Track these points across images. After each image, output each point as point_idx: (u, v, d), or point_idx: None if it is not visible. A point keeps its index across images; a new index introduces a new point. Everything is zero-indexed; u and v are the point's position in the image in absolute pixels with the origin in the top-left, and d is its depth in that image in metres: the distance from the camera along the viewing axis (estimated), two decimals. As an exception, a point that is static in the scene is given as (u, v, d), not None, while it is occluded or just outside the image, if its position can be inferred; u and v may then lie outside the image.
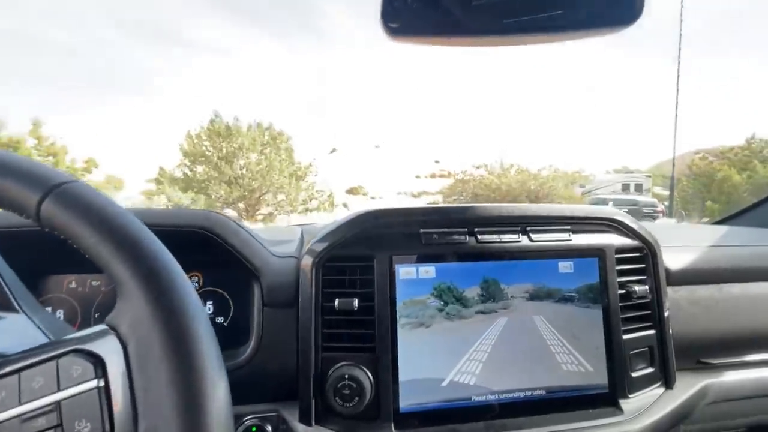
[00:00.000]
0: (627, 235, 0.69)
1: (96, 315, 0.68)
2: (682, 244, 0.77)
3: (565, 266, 0.65)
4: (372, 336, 0.58)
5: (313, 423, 0.56)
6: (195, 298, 0.26)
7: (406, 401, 0.58)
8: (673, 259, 0.73)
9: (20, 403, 0.24)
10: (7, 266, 0.33)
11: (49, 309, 0.67)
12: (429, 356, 0.59)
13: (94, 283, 0.70)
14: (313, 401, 0.57)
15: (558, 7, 0.60)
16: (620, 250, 0.68)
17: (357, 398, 0.55)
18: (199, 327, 0.25)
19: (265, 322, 0.59)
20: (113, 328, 0.26)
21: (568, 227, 0.67)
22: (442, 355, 0.60)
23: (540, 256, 0.64)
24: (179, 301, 0.25)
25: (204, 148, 13.72)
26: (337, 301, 0.57)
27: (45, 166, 0.29)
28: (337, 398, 0.55)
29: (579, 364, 0.63)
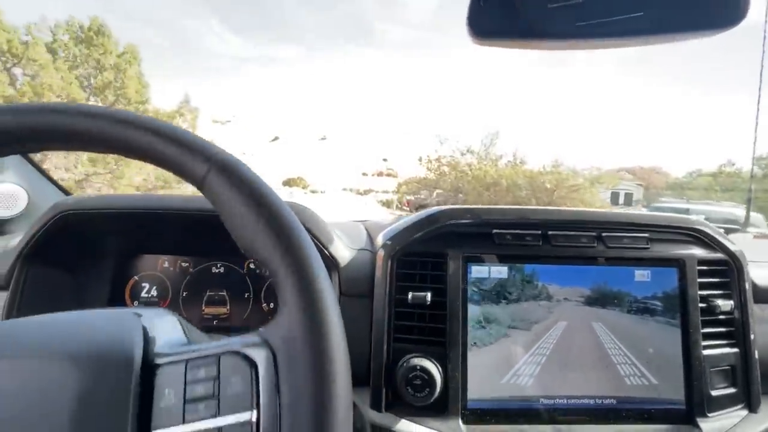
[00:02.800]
0: (710, 247, 0.66)
1: (184, 294, 0.75)
2: None
3: (641, 275, 0.63)
4: (443, 330, 0.59)
5: (383, 409, 0.59)
6: (339, 317, 0.28)
7: (474, 396, 0.59)
8: (761, 275, 0.68)
9: (185, 389, 0.27)
10: None
11: (146, 285, 0.75)
12: (496, 354, 0.60)
13: (183, 264, 0.77)
14: (384, 389, 0.59)
15: (638, 9, 0.59)
16: (702, 261, 0.65)
17: (428, 389, 0.57)
18: (341, 350, 0.27)
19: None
20: (266, 341, 0.28)
21: (646, 235, 0.65)
22: (509, 355, 0.60)
23: (615, 262, 0.63)
24: (330, 323, 0.27)
25: None
26: (410, 295, 0.60)
27: (207, 141, 0.31)
28: (408, 388, 0.57)
29: (643, 376, 0.61)
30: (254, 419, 0.26)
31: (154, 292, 0.75)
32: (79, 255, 0.69)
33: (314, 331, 0.26)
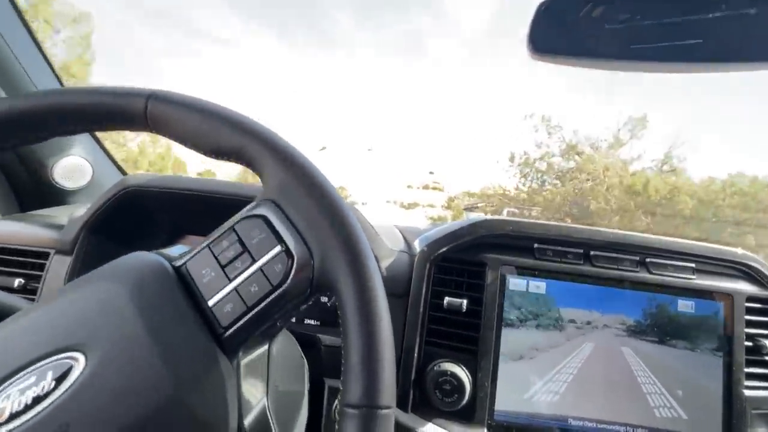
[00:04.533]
0: (761, 284, 0.64)
1: None
2: None
3: (685, 305, 0.62)
4: (475, 339, 0.60)
5: (410, 410, 0.59)
6: (310, 161, 0.32)
7: (501, 408, 0.59)
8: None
9: (218, 260, 0.31)
10: None
11: None
12: (526, 368, 0.60)
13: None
14: (412, 390, 0.60)
15: (697, 36, 0.58)
16: (752, 298, 0.62)
17: (456, 395, 0.57)
18: (323, 174, 0.32)
19: None
20: (265, 199, 0.32)
21: (692, 265, 0.63)
22: (538, 370, 0.60)
23: (657, 290, 0.62)
24: (307, 163, 0.32)
25: None
26: (446, 300, 0.60)
27: (131, 87, 0.34)
28: (436, 391, 0.58)
29: (673, 409, 0.59)
30: (284, 249, 0.30)
31: None
32: (134, 229, 0.74)
33: (299, 171, 0.31)
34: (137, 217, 0.72)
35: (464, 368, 0.59)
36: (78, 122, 0.34)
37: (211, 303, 0.30)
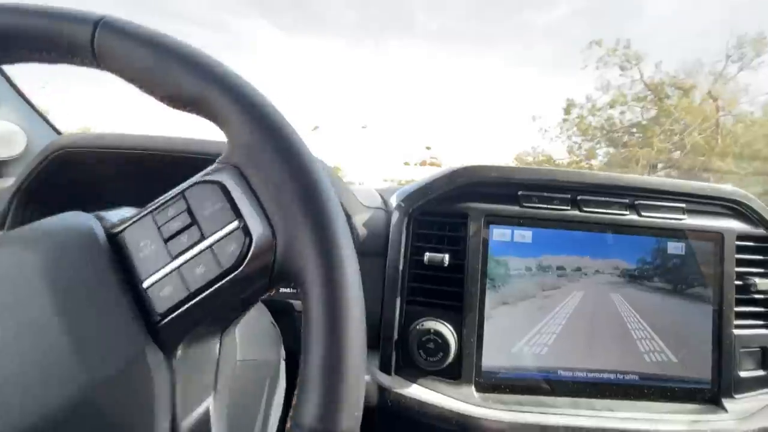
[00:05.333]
0: (752, 221, 0.61)
1: None
2: None
3: (675, 247, 0.59)
4: (459, 294, 0.56)
5: (393, 372, 0.56)
6: (282, 116, 0.26)
7: (488, 363, 0.56)
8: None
9: (160, 232, 0.25)
10: None
11: None
12: (513, 322, 0.57)
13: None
14: (395, 352, 0.56)
15: None
16: (742, 236, 0.60)
17: (441, 354, 0.54)
18: (299, 138, 0.26)
19: None
20: (226, 163, 0.26)
21: (683, 205, 0.60)
22: (526, 323, 0.57)
23: (648, 232, 0.59)
24: (283, 125, 0.26)
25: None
26: (426, 255, 0.56)
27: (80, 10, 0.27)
28: (420, 351, 0.54)
29: (663, 353, 0.58)
30: (241, 225, 0.25)
31: None
32: (79, 201, 0.66)
33: (270, 132, 0.25)
34: (80, 184, 0.64)
35: (448, 325, 0.55)
36: (8, 48, 0.26)
37: (146, 284, 0.24)
